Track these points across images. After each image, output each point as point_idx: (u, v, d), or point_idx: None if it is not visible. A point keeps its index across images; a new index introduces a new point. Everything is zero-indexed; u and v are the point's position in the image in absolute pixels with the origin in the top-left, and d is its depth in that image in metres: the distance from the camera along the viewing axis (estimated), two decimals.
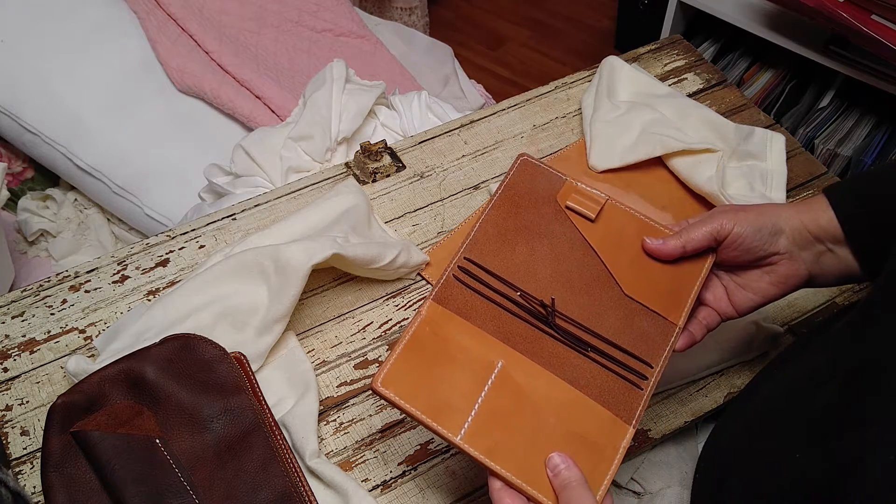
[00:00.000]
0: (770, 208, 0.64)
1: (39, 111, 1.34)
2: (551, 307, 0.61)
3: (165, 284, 0.83)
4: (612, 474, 0.56)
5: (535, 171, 0.68)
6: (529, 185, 0.67)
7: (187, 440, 0.66)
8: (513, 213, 0.66)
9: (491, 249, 0.64)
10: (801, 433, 0.54)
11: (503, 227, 0.65)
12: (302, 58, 1.48)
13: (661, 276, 0.64)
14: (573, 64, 2.19)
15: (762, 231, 0.63)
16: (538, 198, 0.67)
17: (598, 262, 0.64)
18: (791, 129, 1.64)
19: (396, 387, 0.57)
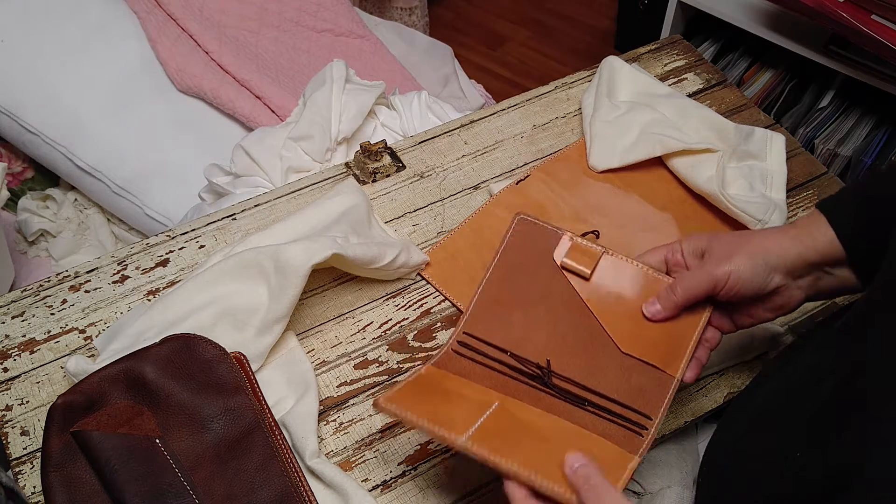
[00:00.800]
0: (761, 244, 0.63)
1: (39, 111, 1.34)
2: (547, 368, 0.62)
3: (165, 284, 0.83)
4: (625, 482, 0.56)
5: (532, 230, 0.69)
6: (526, 245, 0.68)
7: (187, 440, 0.66)
8: (508, 280, 0.67)
9: (488, 320, 0.65)
10: (802, 432, 0.54)
11: (499, 297, 0.66)
12: (302, 58, 1.48)
13: (657, 329, 0.64)
14: (573, 64, 2.19)
15: (757, 275, 0.62)
16: (534, 259, 0.68)
17: (593, 320, 0.65)
18: (791, 129, 1.64)
19: (400, 404, 0.57)
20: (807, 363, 0.60)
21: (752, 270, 0.62)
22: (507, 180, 0.92)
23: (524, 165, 0.95)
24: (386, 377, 0.77)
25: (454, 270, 0.84)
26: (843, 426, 0.50)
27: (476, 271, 0.84)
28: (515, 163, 0.95)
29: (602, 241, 0.86)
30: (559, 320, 0.65)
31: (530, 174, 0.92)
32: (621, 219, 0.89)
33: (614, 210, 0.89)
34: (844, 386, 0.52)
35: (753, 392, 0.67)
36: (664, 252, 0.67)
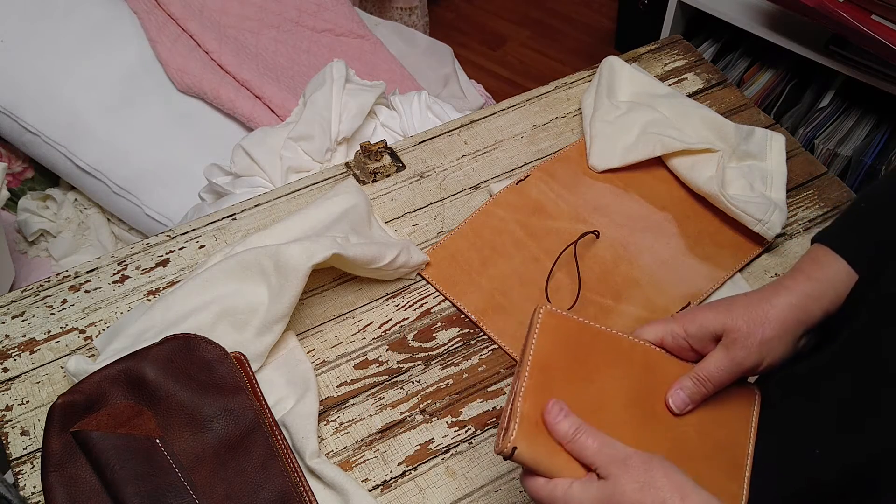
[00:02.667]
0: (792, 315, 0.58)
1: (39, 111, 1.34)
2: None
3: (165, 284, 0.83)
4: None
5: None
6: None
7: (187, 440, 0.66)
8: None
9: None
10: (815, 433, 0.53)
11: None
12: (302, 58, 1.48)
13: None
14: (573, 64, 2.19)
15: (788, 352, 0.59)
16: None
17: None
18: (791, 129, 1.64)
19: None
20: (815, 361, 0.60)
21: (783, 349, 0.58)
22: (507, 180, 0.92)
23: (524, 165, 0.95)
24: (386, 377, 0.77)
25: (454, 270, 0.84)
26: (857, 427, 0.50)
27: (476, 271, 0.84)
28: (515, 163, 0.95)
29: (602, 241, 0.86)
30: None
31: (530, 174, 0.92)
32: (621, 219, 0.89)
33: (614, 210, 0.89)
34: (859, 381, 0.51)
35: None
36: (660, 333, 0.61)
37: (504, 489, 0.70)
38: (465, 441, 0.72)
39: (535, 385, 0.56)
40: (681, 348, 0.61)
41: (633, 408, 0.58)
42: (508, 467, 0.71)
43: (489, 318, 0.81)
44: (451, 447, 0.72)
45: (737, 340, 0.58)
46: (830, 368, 0.56)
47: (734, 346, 0.58)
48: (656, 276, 0.84)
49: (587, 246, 0.86)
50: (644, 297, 0.82)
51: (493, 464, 0.71)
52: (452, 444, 0.72)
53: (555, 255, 0.84)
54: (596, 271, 0.84)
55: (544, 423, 0.54)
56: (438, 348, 0.79)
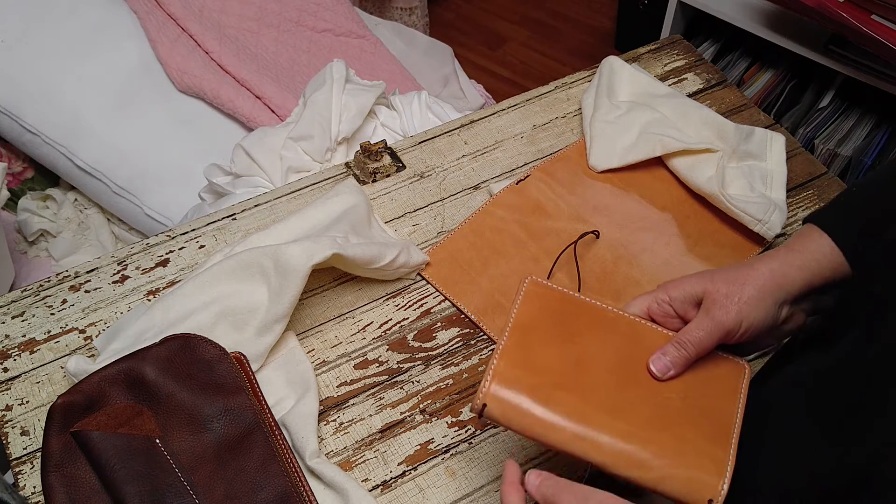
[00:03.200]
0: (768, 281, 0.59)
1: (39, 111, 1.34)
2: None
3: (165, 284, 0.83)
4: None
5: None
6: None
7: (187, 440, 0.66)
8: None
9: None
10: (821, 429, 0.53)
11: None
12: (302, 58, 1.48)
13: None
14: (573, 64, 2.19)
15: (769, 316, 0.59)
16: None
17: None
18: (791, 129, 1.64)
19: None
20: (817, 360, 0.59)
21: (764, 312, 0.59)
22: (507, 180, 0.92)
23: (524, 165, 0.95)
24: (386, 377, 0.77)
25: (454, 270, 0.84)
26: (867, 420, 0.49)
27: (476, 271, 0.84)
28: (515, 163, 0.95)
29: (602, 241, 0.86)
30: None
31: (530, 174, 0.92)
32: (621, 219, 0.89)
33: (614, 210, 0.89)
34: (863, 380, 0.51)
35: (759, 390, 0.67)
36: (646, 303, 0.62)
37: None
38: (465, 441, 0.72)
39: (512, 345, 0.57)
40: (666, 314, 0.62)
41: (615, 372, 0.58)
42: None
43: (489, 318, 0.81)
44: (451, 447, 0.72)
45: (716, 300, 0.59)
46: (833, 369, 0.56)
47: (713, 307, 0.59)
48: (656, 276, 0.84)
49: (587, 246, 0.86)
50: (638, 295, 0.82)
51: (493, 464, 0.71)
52: (452, 444, 0.72)
53: (555, 255, 0.84)
54: (596, 271, 0.84)
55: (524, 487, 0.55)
56: (438, 348, 0.79)
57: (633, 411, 0.56)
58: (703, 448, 0.56)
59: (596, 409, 0.56)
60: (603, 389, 0.57)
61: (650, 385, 0.59)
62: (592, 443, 0.55)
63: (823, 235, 0.61)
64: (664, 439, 0.55)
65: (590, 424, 0.55)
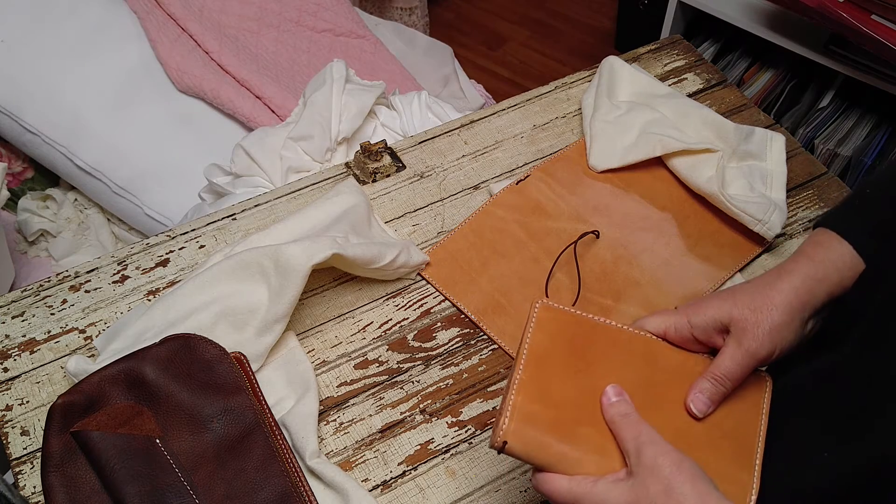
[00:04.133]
0: (796, 298, 0.57)
1: (39, 111, 1.34)
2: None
3: (165, 284, 0.83)
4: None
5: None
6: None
7: (187, 440, 0.66)
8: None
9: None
10: (823, 431, 0.53)
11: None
12: (302, 58, 1.48)
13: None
14: (573, 64, 2.19)
15: (798, 337, 0.58)
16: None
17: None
18: (791, 129, 1.64)
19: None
20: (820, 361, 0.58)
21: (793, 334, 0.57)
22: (507, 180, 0.92)
23: (524, 165, 0.95)
24: (386, 377, 0.77)
25: (454, 270, 0.84)
26: (866, 430, 0.49)
27: (476, 271, 0.84)
28: (515, 163, 0.95)
29: (602, 241, 0.86)
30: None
31: (530, 174, 0.92)
32: (621, 219, 0.89)
33: (614, 210, 0.89)
34: (860, 387, 0.51)
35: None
36: (664, 325, 0.60)
37: (504, 489, 0.70)
38: (465, 441, 0.72)
39: (529, 378, 0.56)
40: (685, 340, 0.60)
41: (633, 397, 0.57)
42: (509, 467, 0.71)
43: (489, 318, 0.81)
44: (451, 447, 0.72)
45: (746, 330, 0.57)
46: (839, 372, 0.55)
47: (745, 337, 0.57)
48: (656, 276, 0.84)
49: (587, 246, 0.86)
50: (644, 297, 0.82)
51: (493, 464, 0.71)
52: (452, 444, 0.72)
53: (555, 255, 0.84)
54: (596, 271, 0.84)
55: (600, 404, 0.54)
56: (438, 348, 0.79)
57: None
58: (726, 473, 0.55)
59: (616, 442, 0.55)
60: None
61: (670, 410, 0.57)
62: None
63: (843, 243, 0.59)
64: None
65: (613, 459, 0.54)
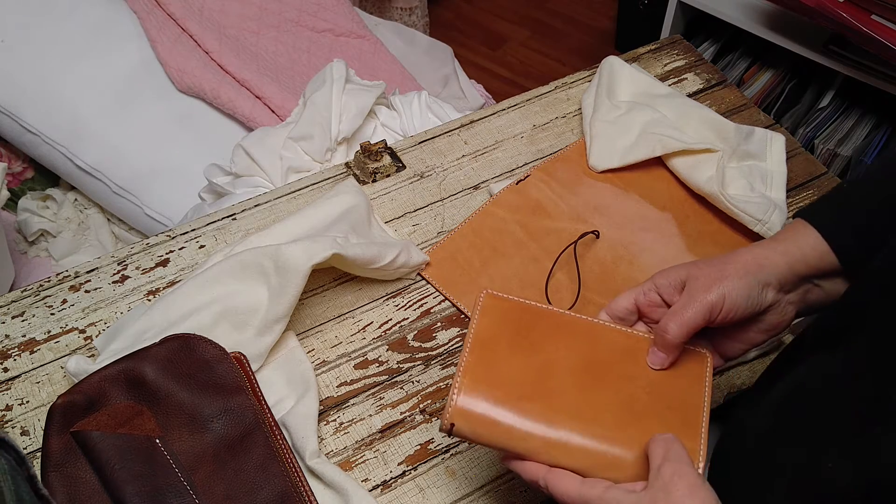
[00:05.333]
0: (751, 261, 0.60)
1: (39, 111, 1.34)
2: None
3: (165, 284, 0.83)
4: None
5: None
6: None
7: (187, 440, 0.66)
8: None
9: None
10: (830, 436, 0.52)
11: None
12: (302, 58, 1.48)
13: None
14: (573, 64, 2.19)
15: (752, 294, 0.59)
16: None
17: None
18: (791, 129, 1.64)
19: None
20: (823, 365, 0.57)
21: (746, 289, 0.58)
22: (507, 180, 0.92)
23: (524, 165, 0.95)
24: (386, 377, 0.77)
25: (454, 270, 0.84)
26: (883, 428, 0.48)
27: (476, 271, 0.84)
28: (515, 163, 0.95)
29: (602, 241, 0.86)
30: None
31: (530, 174, 0.92)
32: (621, 219, 0.89)
33: (614, 210, 0.89)
34: (873, 394, 0.50)
35: (762, 397, 0.65)
36: (633, 294, 0.62)
37: (504, 489, 0.70)
38: (464, 441, 0.72)
39: (475, 361, 0.58)
40: (652, 303, 0.62)
41: (578, 375, 0.59)
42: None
43: None
44: (451, 447, 0.72)
45: (697, 279, 0.59)
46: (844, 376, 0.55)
47: (695, 286, 0.59)
48: None
49: (587, 246, 0.86)
50: None
51: (493, 464, 0.71)
52: (452, 444, 0.72)
53: (555, 256, 0.84)
54: (596, 271, 0.84)
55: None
56: (438, 348, 0.79)
57: (600, 413, 0.57)
58: (674, 431, 0.56)
59: (563, 414, 0.56)
60: (567, 394, 0.58)
61: (614, 384, 0.59)
62: (563, 448, 0.55)
63: (809, 227, 0.62)
64: (633, 437, 0.56)
65: (559, 430, 0.56)
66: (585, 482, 0.53)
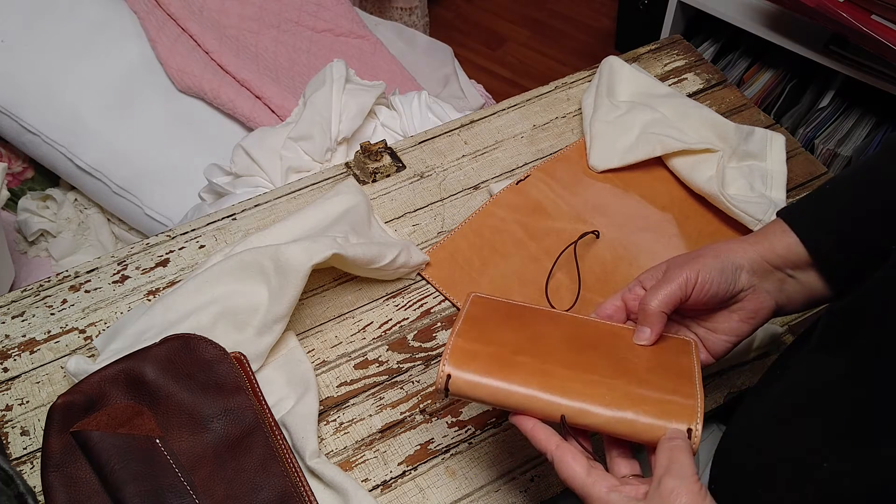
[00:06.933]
0: (723, 248, 0.63)
1: (39, 111, 1.34)
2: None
3: (165, 284, 0.83)
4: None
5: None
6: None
7: (187, 440, 0.66)
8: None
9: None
10: (831, 439, 0.52)
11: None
12: (302, 58, 1.48)
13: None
14: (573, 64, 2.19)
15: (725, 272, 0.62)
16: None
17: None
18: (791, 129, 1.64)
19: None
20: (821, 367, 0.58)
21: (718, 268, 0.61)
22: (507, 180, 0.92)
23: (524, 165, 0.95)
24: (386, 377, 0.77)
25: (454, 270, 0.84)
26: (879, 431, 0.48)
27: (476, 271, 0.84)
28: (515, 163, 0.95)
29: (602, 241, 0.86)
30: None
31: (530, 174, 0.92)
32: (621, 219, 0.89)
33: (614, 210, 0.89)
34: (878, 390, 0.50)
35: (763, 397, 0.65)
36: (621, 294, 0.65)
37: (504, 489, 0.70)
38: (465, 441, 0.72)
39: (467, 328, 0.60)
40: (637, 297, 0.64)
41: (569, 343, 0.60)
42: (509, 467, 0.71)
43: None
44: (451, 447, 0.72)
45: (673, 263, 0.63)
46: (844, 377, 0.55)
47: (672, 268, 0.62)
48: None
49: (587, 246, 0.86)
50: None
51: (493, 464, 0.71)
52: (452, 444, 0.72)
53: (555, 255, 0.84)
54: (596, 271, 0.84)
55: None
56: (438, 348, 0.79)
57: (594, 365, 0.58)
58: (669, 387, 0.57)
59: (558, 366, 0.58)
60: (561, 353, 0.59)
61: (607, 348, 0.60)
62: (562, 391, 0.56)
63: (780, 222, 0.64)
64: (631, 383, 0.57)
65: (555, 379, 0.57)
66: (591, 474, 0.53)
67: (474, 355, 0.57)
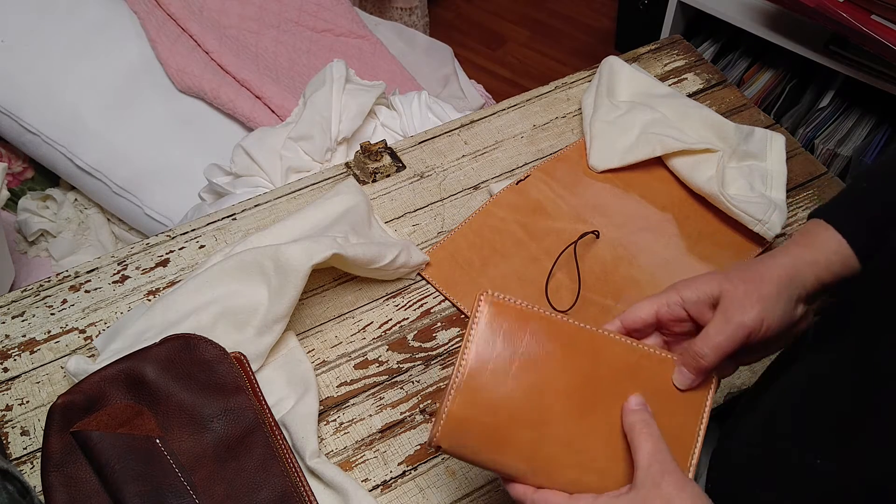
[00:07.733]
0: (785, 274, 0.57)
1: (39, 111, 1.34)
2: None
3: (165, 284, 0.83)
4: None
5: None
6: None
7: (187, 440, 0.66)
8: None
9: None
10: (819, 437, 0.52)
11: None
12: (302, 58, 1.48)
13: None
14: (573, 64, 2.19)
15: (787, 313, 0.57)
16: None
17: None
18: (791, 129, 1.64)
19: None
20: (818, 365, 0.57)
21: (782, 309, 0.56)
22: (507, 180, 0.92)
23: (524, 165, 0.95)
24: (386, 377, 0.77)
25: (454, 270, 0.84)
26: (874, 429, 0.48)
27: (476, 271, 0.84)
28: (515, 163, 0.95)
29: (602, 241, 0.86)
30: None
31: (530, 174, 0.92)
32: (621, 219, 0.89)
33: (614, 210, 0.89)
34: (867, 391, 0.50)
35: (761, 397, 0.65)
36: (655, 306, 0.58)
37: (504, 489, 0.69)
38: None
39: (468, 386, 0.56)
40: (676, 317, 0.58)
41: (573, 398, 0.57)
42: None
43: None
44: None
45: (735, 300, 0.56)
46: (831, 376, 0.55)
47: (732, 307, 0.56)
48: (656, 276, 0.84)
49: (587, 246, 0.86)
50: (644, 298, 0.82)
51: None
52: None
53: (555, 255, 0.84)
54: (596, 271, 0.84)
55: (622, 410, 0.56)
56: (438, 348, 0.79)
57: (591, 441, 0.56)
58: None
59: (553, 442, 0.55)
60: (560, 420, 0.56)
61: (606, 408, 0.57)
62: (548, 478, 0.55)
63: (830, 229, 0.59)
64: (620, 470, 0.55)
65: (547, 462, 0.55)
66: (572, 498, 0.53)
67: (469, 425, 0.55)
